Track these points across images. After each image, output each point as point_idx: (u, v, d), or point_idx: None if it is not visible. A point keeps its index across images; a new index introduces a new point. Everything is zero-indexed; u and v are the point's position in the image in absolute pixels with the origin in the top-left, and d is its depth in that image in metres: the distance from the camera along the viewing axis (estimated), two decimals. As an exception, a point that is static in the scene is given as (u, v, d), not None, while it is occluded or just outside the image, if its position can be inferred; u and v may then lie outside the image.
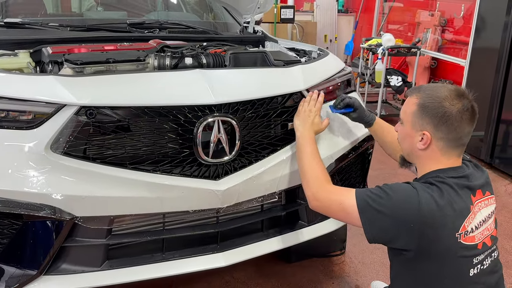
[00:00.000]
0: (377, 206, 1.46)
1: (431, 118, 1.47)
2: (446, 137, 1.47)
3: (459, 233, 1.42)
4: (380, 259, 2.76)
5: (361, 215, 1.48)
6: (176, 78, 1.89)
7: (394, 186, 1.49)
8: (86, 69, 1.93)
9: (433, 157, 1.51)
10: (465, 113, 1.46)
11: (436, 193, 1.42)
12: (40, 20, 2.62)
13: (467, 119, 1.46)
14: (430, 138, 1.48)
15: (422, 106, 1.50)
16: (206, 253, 1.91)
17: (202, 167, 1.83)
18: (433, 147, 1.50)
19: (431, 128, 1.48)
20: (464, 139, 1.50)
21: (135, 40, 2.46)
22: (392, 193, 1.46)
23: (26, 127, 1.64)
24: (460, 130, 1.46)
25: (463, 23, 5.76)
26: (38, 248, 1.71)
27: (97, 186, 1.68)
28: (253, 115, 1.91)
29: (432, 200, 1.41)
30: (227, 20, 3.34)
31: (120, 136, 1.75)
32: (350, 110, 2.03)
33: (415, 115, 1.52)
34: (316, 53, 2.56)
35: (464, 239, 1.43)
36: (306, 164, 1.81)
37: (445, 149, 1.49)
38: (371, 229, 1.47)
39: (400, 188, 1.48)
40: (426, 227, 1.40)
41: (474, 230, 1.45)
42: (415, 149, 1.54)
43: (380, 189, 1.49)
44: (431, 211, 1.40)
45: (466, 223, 1.43)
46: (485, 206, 1.50)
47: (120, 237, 1.84)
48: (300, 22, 7.59)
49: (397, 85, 5.58)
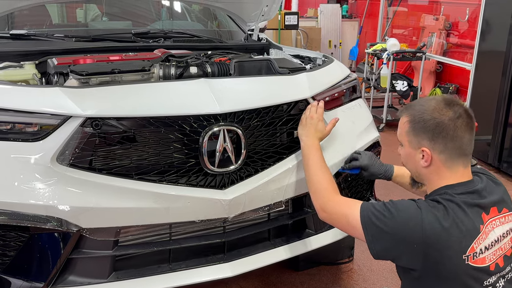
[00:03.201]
0: (380, 224, 1.43)
1: (425, 133, 1.44)
2: (445, 149, 1.43)
3: (467, 255, 1.36)
4: (389, 266, 2.73)
5: (365, 231, 1.46)
6: (181, 87, 1.89)
7: (399, 204, 1.45)
8: (91, 80, 1.93)
9: (438, 172, 1.47)
10: (458, 120, 1.41)
11: (441, 213, 1.38)
12: (46, 31, 2.64)
13: (462, 126, 1.42)
14: (430, 154, 1.44)
15: (413, 122, 1.47)
16: (212, 263, 1.90)
17: (208, 176, 1.82)
18: (436, 162, 1.45)
19: (428, 142, 1.44)
20: (466, 148, 1.45)
21: (140, 50, 2.48)
22: (395, 212, 1.42)
23: (32, 139, 1.64)
24: (457, 138, 1.42)
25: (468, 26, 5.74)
26: (45, 260, 1.70)
27: (103, 197, 1.68)
28: (259, 123, 1.91)
29: (436, 220, 1.36)
30: (232, 28, 3.35)
31: (126, 147, 1.74)
32: (356, 172, 2.02)
33: (409, 133, 1.49)
34: (321, 60, 2.56)
35: (474, 261, 1.37)
36: (312, 174, 1.79)
37: (449, 162, 1.44)
38: (374, 246, 1.45)
39: (404, 207, 1.43)
40: (430, 249, 1.36)
41: (485, 251, 1.39)
42: (420, 168, 1.50)
43: (385, 206, 1.46)
44: (434, 233, 1.35)
45: (475, 244, 1.37)
46: (501, 224, 1.43)
47: (126, 248, 1.83)
48: (305, 28, 7.60)
49: (402, 90, 5.56)
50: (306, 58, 2.69)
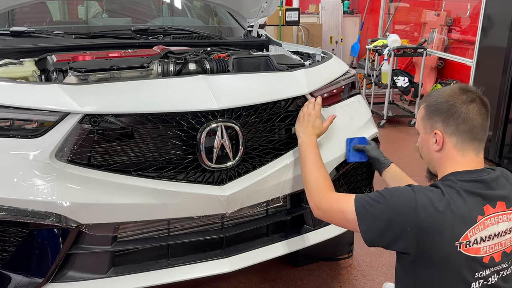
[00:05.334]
0: (373, 211, 1.44)
1: (439, 115, 1.48)
2: (457, 131, 1.45)
3: (459, 242, 1.36)
4: (388, 262, 2.74)
5: (359, 222, 1.47)
6: (180, 84, 1.90)
7: (393, 189, 1.47)
8: (90, 77, 1.94)
9: (449, 156, 1.48)
10: (471, 104, 1.44)
11: (436, 197, 1.39)
12: (46, 28, 2.64)
13: (475, 110, 1.44)
14: (442, 136, 1.47)
15: (428, 107, 1.52)
16: (211, 259, 1.91)
17: (206, 172, 1.83)
18: (447, 145, 1.47)
19: (440, 125, 1.47)
20: (478, 133, 1.46)
21: (139, 47, 2.48)
22: (389, 197, 1.44)
23: (31, 136, 1.66)
24: (469, 121, 1.44)
25: (469, 22, 5.72)
26: (44, 256, 1.71)
27: (102, 193, 1.69)
28: (257, 120, 1.91)
29: (430, 204, 1.37)
30: (231, 24, 3.34)
31: (124, 143, 1.75)
32: (365, 160, 2.09)
33: (424, 118, 1.53)
34: (320, 56, 2.56)
35: (466, 249, 1.37)
36: (307, 172, 1.80)
37: (460, 145, 1.46)
38: (369, 235, 1.45)
39: (398, 191, 1.45)
40: (423, 232, 1.36)
41: (480, 242, 1.38)
42: (433, 153, 1.52)
43: (379, 193, 1.47)
44: (428, 215, 1.36)
45: (469, 233, 1.37)
46: (508, 220, 1.43)
47: (125, 243, 1.84)
48: (306, 24, 7.59)
49: (403, 86, 5.56)
50: (305, 55, 2.69)
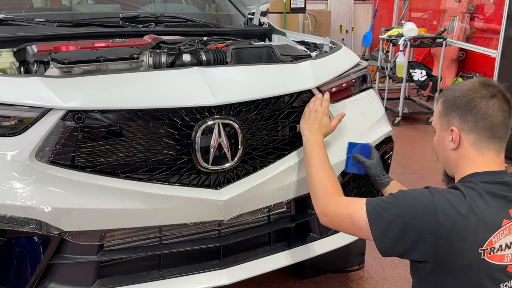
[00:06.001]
0: (387, 215, 1.43)
1: (456, 111, 1.48)
2: (475, 128, 1.45)
3: (483, 249, 1.36)
4: (403, 274, 2.74)
5: (372, 227, 1.46)
6: (173, 77, 1.89)
7: (408, 191, 1.47)
8: (74, 69, 1.94)
9: (466, 156, 1.48)
10: (491, 100, 1.44)
11: (456, 199, 1.38)
12: (25, 16, 2.64)
13: (495, 106, 1.44)
14: (458, 133, 1.47)
15: (445, 102, 1.53)
16: (207, 270, 1.91)
17: (202, 175, 1.83)
18: (465, 143, 1.47)
19: (457, 121, 1.47)
20: (498, 130, 1.45)
21: (129, 36, 2.48)
22: (404, 199, 1.43)
23: (8, 134, 1.65)
24: (489, 117, 1.43)
25: (494, 9, 5.70)
26: (23, 266, 1.72)
27: (86, 197, 1.69)
28: (257, 116, 1.91)
29: (451, 206, 1.37)
30: (231, 11, 3.34)
31: (111, 142, 1.76)
32: (363, 173, 2.01)
33: (441, 114, 1.54)
34: (328, 47, 2.56)
35: (490, 256, 1.37)
36: (313, 175, 1.80)
37: (478, 143, 1.46)
38: (383, 242, 1.45)
39: (414, 193, 1.45)
40: (442, 238, 1.36)
41: (505, 249, 1.38)
42: (449, 152, 1.52)
43: (393, 196, 1.47)
44: (449, 219, 1.36)
45: (494, 238, 1.37)
46: None
47: (112, 253, 1.84)
48: (313, 11, 7.59)
49: (421, 80, 5.55)
50: (311, 45, 2.69)
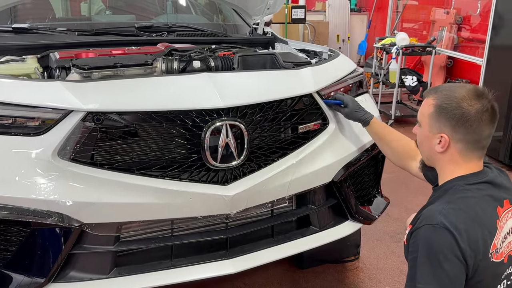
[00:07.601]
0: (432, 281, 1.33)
1: (449, 120, 1.42)
2: (464, 139, 1.42)
3: (491, 253, 1.37)
4: (396, 265, 2.73)
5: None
6: (184, 82, 1.90)
7: (424, 244, 1.36)
8: (93, 74, 1.94)
9: (452, 160, 1.46)
10: (484, 114, 1.40)
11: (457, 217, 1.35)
12: (48, 25, 2.65)
13: (486, 120, 1.41)
14: (448, 141, 1.44)
15: (439, 107, 1.45)
16: (215, 260, 1.91)
17: (211, 172, 1.83)
18: (452, 150, 1.45)
19: (449, 130, 1.43)
20: (484, 142, 1.44)
21: (143, 44, 2.48)
22: (429, 255, 1.35)
23: (33, 134, 1.66)
24: (479, 131, 1.41)
25: (479, 20, 5.69)
26: (46, 256, 1.72)
27: (104, 192, 1.69)
28: (262, 118, 1.91)
29: (458, 230, 1.33)
30: (237, 21, 3.34)
31: (127, 142, 1.76)
32: (339, 103, 2.08)
33: (432, 117, 1.47)
34: (326, 54, 2.55)
35: (496, 257, 1.38)
36: None
37: (464, 152, 1.44)
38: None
39: (431, 241, 1.36)
40: (468, 258, 1.33)
41: (502, 246, 1.39)
42: (434, 152, 1.49)
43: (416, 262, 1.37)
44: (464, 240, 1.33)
45: (496, 240, 1.37)
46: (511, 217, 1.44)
47: (128, 244, 1.84)
48: (312, 22, 7.57)
49: (412, 85, 5.54)
50: (311, 52, 2.68)
